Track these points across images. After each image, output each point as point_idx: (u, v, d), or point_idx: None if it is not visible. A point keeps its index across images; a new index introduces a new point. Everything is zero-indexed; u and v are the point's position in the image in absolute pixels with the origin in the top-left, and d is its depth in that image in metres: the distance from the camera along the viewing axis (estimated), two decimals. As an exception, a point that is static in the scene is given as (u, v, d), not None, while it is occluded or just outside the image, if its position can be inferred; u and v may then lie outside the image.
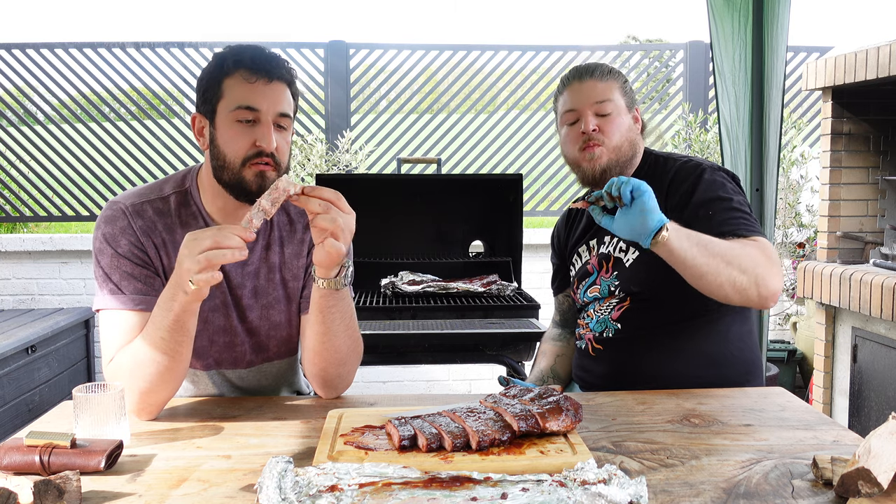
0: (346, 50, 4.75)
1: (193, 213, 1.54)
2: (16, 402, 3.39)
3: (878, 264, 3.27)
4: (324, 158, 4.47)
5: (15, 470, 1.12)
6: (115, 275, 1.47)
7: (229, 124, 1.44)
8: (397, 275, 2.82)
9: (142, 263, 1.48)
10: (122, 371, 1.40)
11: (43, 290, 4.31)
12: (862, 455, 1.01)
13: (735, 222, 1.59)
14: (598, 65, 1.78)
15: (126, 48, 4.64)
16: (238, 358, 1.60)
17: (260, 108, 1.43)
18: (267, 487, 0.99)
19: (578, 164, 1.75)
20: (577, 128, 1.74)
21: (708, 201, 1.63)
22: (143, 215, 1.51)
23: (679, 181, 1.69)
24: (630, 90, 1.79)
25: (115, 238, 1.48)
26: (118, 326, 1.45)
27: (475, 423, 1.21)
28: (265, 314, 1.60)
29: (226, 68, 1.45)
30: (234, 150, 1.44)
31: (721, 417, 1.39)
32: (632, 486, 0.99)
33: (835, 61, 3.38)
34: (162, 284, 1.49)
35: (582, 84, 1.74)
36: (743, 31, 2.67)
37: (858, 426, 3.28)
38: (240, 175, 1.44)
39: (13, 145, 4.63)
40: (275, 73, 1.45)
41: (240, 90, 1.44)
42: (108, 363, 1.44)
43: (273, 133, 1.44)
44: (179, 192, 1.55)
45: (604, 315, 1.78)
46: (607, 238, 1.80)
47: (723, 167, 1.74)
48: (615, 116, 1.72)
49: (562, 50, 4.84)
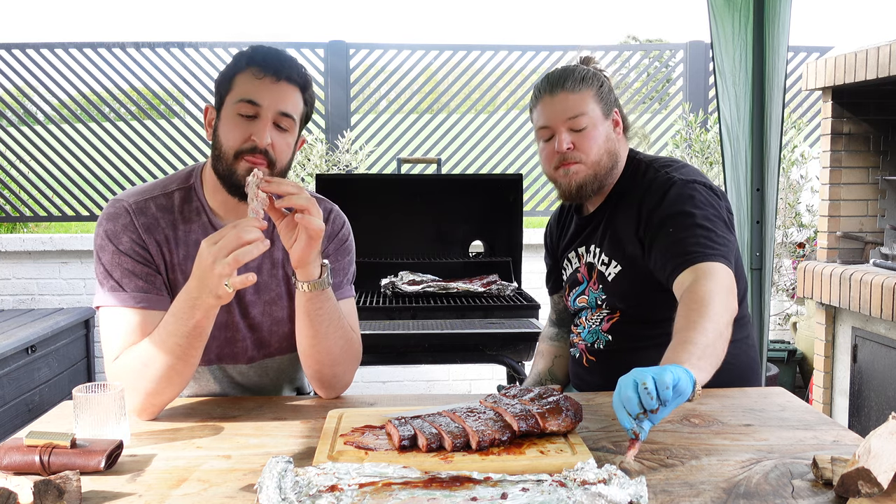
0: (346, 50, 4.75)
1: (196, 208, 1.54)
2: (16, 402, 3.39)
3: (878, 264, 3.27)
4: (324, 158, 4.47)
5: (15, 470, 1.12)
6: (117, 272, 1.46)
7: (231, 116, 1.46)
8: (397, 275, 2.82)
9: (143, 261, 1.48)
10: (127, 372, 1.40)
11: (43, 290, 4.31)
12: (862, 455, 1.01)
13: (692, 246, 1.50)
14: (568, 72, 1.68)
15: (126, 48, 4.64)
16: (239, 353, 1.60)
17: (261, 104, 1.44)
18: (267, 487, 0.99)
19: (556, 181, 1.71)
20: (551, 144, 1.67)
21: (669, 217, 1.57)
22: (146, 212, 1.51)
23: (651, 194, 1.64)
24: (607, 93, 1.70)
25: (117, 235, 1.48)
26: (119, 324, 1.45)
27: (475, 423, 1.21)
28: (267, 310, 1.60)
29: (239, 65, 1.48)
30: (229, 141, 1.45)
31: (721, 417, 1.39)
32: (632, 486, 0.99)
33: (835, 61, 3.38)
34: (164, 283, 1.49)
35: (553, 98, 1.66)
36: (743, 31, 2.67)
37: (858, 426, 3.28)
38: (232, 168, 1.45)
39: (13, 145, 4.62)
40: (283, 73, 1.46)
41: (246, 85, 1.45)
42: (111, 362, 1.44)
43: (271, 131, 1.44)
44: (184, 188, 1.56)
45: (595, 326, 1.76)
46: (593, 246, 1.77)
47: (701, 179, 1.65)
48: (590, 130, 1.65)
49: (562, 50, 4.84)
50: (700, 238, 1.51)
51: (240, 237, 1.26)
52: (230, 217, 1.54)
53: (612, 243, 1.71)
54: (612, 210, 1.73)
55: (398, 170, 3.22)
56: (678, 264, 1.50)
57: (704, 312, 1.38)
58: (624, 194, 1.72)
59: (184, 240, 1.52)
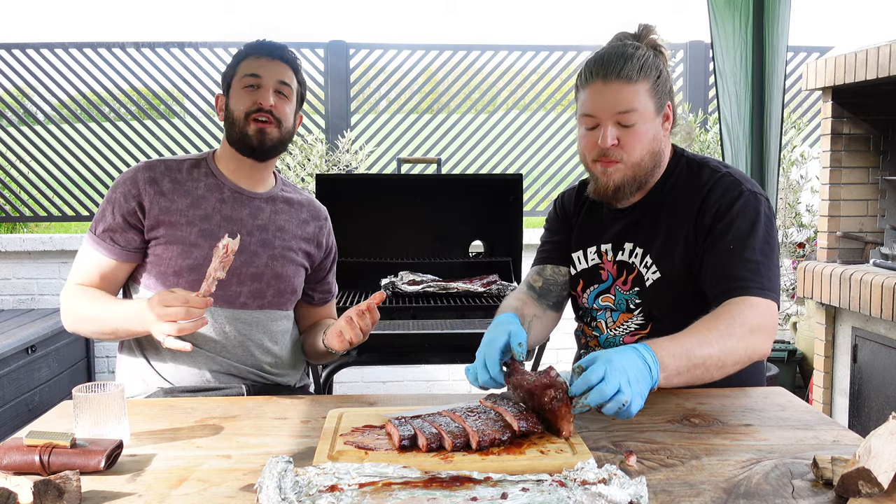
0: (346, 50, 4.75)
1: (205, 172, 1.81)
2: (16, 402, 3.39)
3: (878, 264, 3.27)
4: (324, 158, 4.47)
5: (15, 470, 1.12)
6: (104, 222, 1.73)
7: (238, 90, 1.76)
8: (397, 275, 2.82)
9: (126, 221, 1.72)
10: (71, 307, 1.72)
11: (43, 290, 4.30)
12: (862, 455, 1.01)
13: (744, 278, 1.47)
14: (626, 56, 1.51)
15: (126, 48, 4.64)
16: (233, 298, 1.76)
17: (262, 76, 1.74)
18: (267, 487, 0.99)
19: (592, 174, 1.61)
20: (594, 135, 1.55)
21: (735, 232, 1.52)
22: (154, 169, 1.77)
23: (716, 196, 1.56)
24: (664, 84, 1.55)
25: (118, 187, 1.75)
26: (88, 260, 1.75)
27: (475, 423, 1.21)
28: (270, 263, 1.80)
29: (241, 55, 1.79)
30: (239, 107, 1.74)
31: (721, 417, 1.39)
32: (632, 486, 0.99)
33: (835, 61, 3.38)
34: (143, 240, 1.74)
35: (606, 86, 1.51)
36: (743, 31, 2.67)
37: (858, 426, 3.28)
38: (244, 130, 1.73)
39: (13, 145, 4.62)
40: (278, 53, 1.77)
41: (247, 65, 1.76)
42: (69, 286, 1.74)
43: (273, 96, 1.73)
44: (195, 160, 1.83)
45: (616, 334, 1.67)
46: (630, 244, 1.65)
47: (761, 192, 1.59)
48: (639, 127, 1.52)
49: (562, 50, 4.84)
50: (760, 266, 1.49)
51: (187, 313, 1.49)
52: (240, 183, 1.81)
53: (659, 245, 1.61)
54: (658, 208, 1.62)
55: (398, 170, 3.22)
56: (729, 288, 1.48)
57: (722, 331, 1.40)
58: (675, 193, 1.62)
59: (190, 191, 1.76)
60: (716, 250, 1.53)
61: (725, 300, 1.47)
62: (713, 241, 1.54)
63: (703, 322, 1.43)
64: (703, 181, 1.59)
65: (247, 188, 1.82)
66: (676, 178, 1.63)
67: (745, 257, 1.50)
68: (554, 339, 2.53)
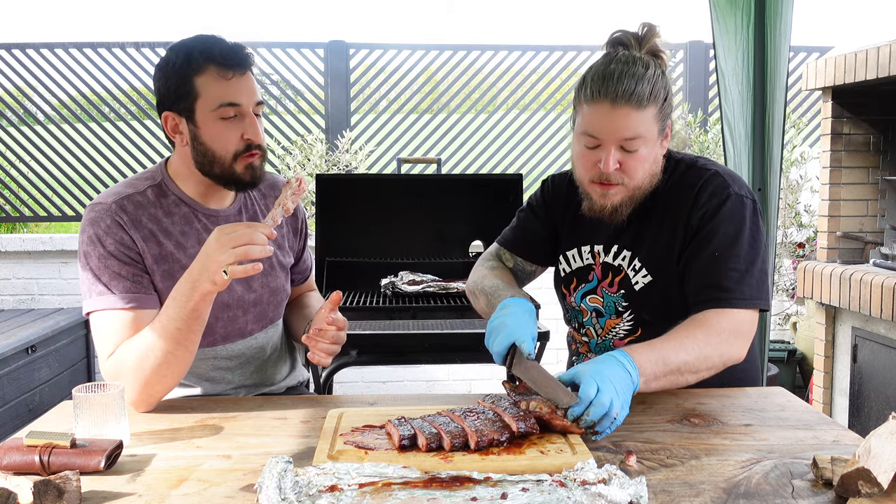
0: (346, 50, 4.75)
1: (173, 201, 1.58)
2: (16, 402, 3.39)
3: (878, 264, 3.27)
4: (324, 158, 4.47)
5: (15, 470, 1.12)
6: (105, 275, 1.48)
7: (213, 122, 1.49)
8: (397, 275, 2.82)
9: (130, 261, 1.50)
10: (124, 364, 1.42)
11: (43, 290, 4.30)
12: (862, 455, 1.01)
13: (728, 289, 1.48)
14: (637, 79, 1.43)
15: (126, 48, 4.64)
16: (242, 329, 1.66)
17: (241, 103, 1.49)
18: (267, 487, 0.99)
19: (587, 193, 1.56)
20: (595, 155, 1.49)
21: (719, 237, 1.51)
22: (127, 210, 1.52)
23: (703, 197, 1.54)
24: (668, 107, 1.51)
25: (102, 238, 1.48)
26: (112, 325, 1.46)
27: (474, 423, 1.21)
28: (265, 281, 1.68)
29: (195, 65, 1.48)
30: (223, 146, 1.50)
31: (721, 417, 1.39)
32: (632, 486, 0.99)
33: (835, 61, 3.38)
34: (150, 281, 1.51)
35: (614, 111, 1.43)
36: (745, 30, 2.66)
37: (858, 426, 3.28)
38: (231, 169, 1.52)
39: (13, 145, 4.62)
40: (245, 63, 1.50)
41: (217, 88, 1.48)
42: (106, 358, 1.46)
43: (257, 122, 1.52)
44: (154, 185, 1.59)
45: (606, 339, 1.67)
46: (616, 247, 1.64)
47: (748, 194, 1.57)
48: (642, 152, 1.48)
49: (562, 50, 4.84)
50: (744, 276, 1.49)
51: (251, 237, 1.32)
52: (212, 204, 1.61)
53: (650, 249, 1.60)
54: (649, 212, 1.60)
55: (398, 170, 3.22)
56: (711, 298, 1.49)
57: (699, 339, 1.43)
58: (666, 196, 1.60)
59: (170, 231, 1.55)
60: (700, 257, 1.53)
61: (706, 309, 1.49)
62: (698, 245, 1.54)
63: (680, 329, 1.46)
64: (693, 181, 1.58)
65: (216, 207, 1.63)
66: (667, 181, 1.61)
67: (729, 266, 1.50)
68: (554, 339, 2.54)
